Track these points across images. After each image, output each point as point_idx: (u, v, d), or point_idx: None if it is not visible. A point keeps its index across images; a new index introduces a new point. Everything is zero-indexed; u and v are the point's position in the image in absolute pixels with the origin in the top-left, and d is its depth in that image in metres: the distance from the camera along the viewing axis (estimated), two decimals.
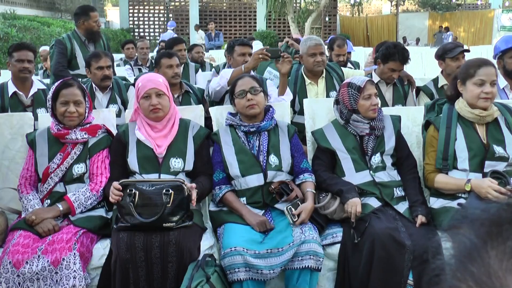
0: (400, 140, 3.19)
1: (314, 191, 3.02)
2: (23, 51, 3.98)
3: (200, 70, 5.77)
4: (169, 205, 2.73)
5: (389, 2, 25.54)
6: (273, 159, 3.08)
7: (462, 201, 2.89)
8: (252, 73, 3.83)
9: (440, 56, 4.29)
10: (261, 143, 3.13)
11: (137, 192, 2.75)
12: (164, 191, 2.76)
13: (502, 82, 4.02)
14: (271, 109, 3.26)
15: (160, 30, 21.36)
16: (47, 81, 4.83)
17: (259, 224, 2.85)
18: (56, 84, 3.11)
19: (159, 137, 3.06)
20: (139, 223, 2.72)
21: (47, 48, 8.77)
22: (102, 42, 5.35)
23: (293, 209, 2.84)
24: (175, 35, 13.49)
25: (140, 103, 3.07)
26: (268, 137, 3.15)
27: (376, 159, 3.09)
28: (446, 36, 19.96)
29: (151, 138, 3.05)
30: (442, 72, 4.33)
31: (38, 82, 4.16)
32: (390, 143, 3.13)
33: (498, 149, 2.94)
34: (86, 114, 3.12)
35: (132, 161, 3.02)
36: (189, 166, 3.06)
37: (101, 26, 5.51)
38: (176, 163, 3.02)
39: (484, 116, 2.98)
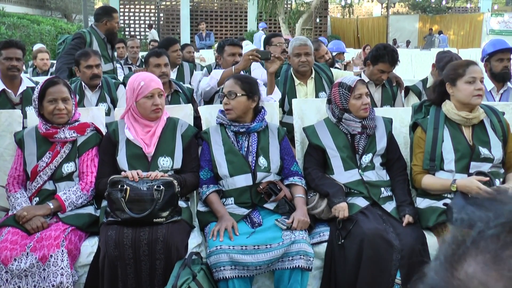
0: (391, 141, 3.22)
1: (304, 197, 3.04)
2: (11, 49, 3.96)
3: (194, 70, 5.77)
4: (160, 201, 2.76)
5: (380, 4, 25.63)
6: (262, 160, 3.09)
7: (447, 201, 2.92)
8: (242, 73, 3.85)
9: (437, 65, 4.31)
10: (250, 144, 3.14)
11: (128, 188, 2.77)
12: (155, 187, 2.79)
13: (489, 84, 4.07)
14: (262, 110, 3.26)
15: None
16: (37, 79, 4.81)
17: (220, 226, 2.80)
18: (40, 83, 3.10)
19: (148, 137, 3.07)
20: (130, 218, 2.74)
21: (40, 45, 8.73)
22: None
23: (285, 221, 2.82)
24: (264, 35, 14.04)
25: (141, 102, 3.07)
26: (257, 138, 3.16)
27: (366, 158, 3.11)
28: (441, 40, 20.07)
29: (139, 137, 3.06)
30: (432, 73, 4.38)
31: (27, 80, 4.14)
32: (381, 143, 3.16)
33: (483, 151, 2.98)
34: (73, 111, 3.13)
35: (122, 160, 3.03)
36: (178, 164, 3.07)
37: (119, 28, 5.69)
38: (164, 161, 3.03)
39: (471, 118, 3.02)
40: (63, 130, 3.06)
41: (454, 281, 0.54)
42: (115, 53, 6.50)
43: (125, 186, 2.78)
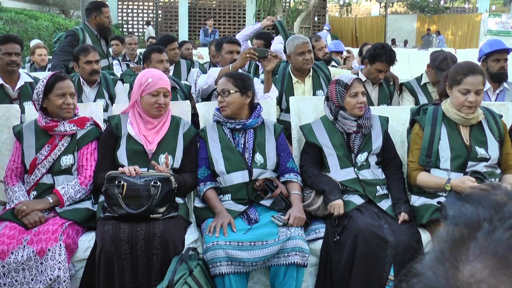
0: (387, 140, 3.24)
1: (300, 193, 3.06)
2: (10, 44, 3.96)
3: (191, 67, 5.78)
4: (157, 197, 2.78)
5: (378, 3, 25.66)
6: (258, 157, 3.11)
7: (442, 199, 2.94)
8: (240, 70, 3.86)
9: (431, 64, 4.32)
10: (246, 140, 3.16)
11: (125, 184, 2.78)
12: (152, 183, 2.80)
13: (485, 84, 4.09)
14: (258, 106, 3.28)
15: None
16: (35, 74, 4.81)
17: (217, 222, 2.82)
18: (47, 77, 3.11)
19: (151, 134, 3.08)
20: (126, 214, 2.75)
21: (37, 41, 8.72)
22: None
23: (281, 217, 2.84)
24: (330, 35, 14.91)
25: (145, 98, 3.08)
26: (254, 135, 3.18)
27: (362, 157, 3.13)
28: (440, 41, 20.13)
29: (141, 134, 3.07)
30: (427, 72, 4.39)
31: (25, 75, 4.14)
32: (377, 142, 3.18)
33: (480, 151, 2.99)
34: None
35: (122, 155, 3.04)
36: (177, 163, 3.09)
37: (112, 22, 5.61)
38: (164, 159, 3.04)
39: (470, 118, 3.02)
40: (63, 123, 3.07)
41: (458, 283, 0.52)
42: (110, 50, 6.47)
43: (122, 182, 2.80)
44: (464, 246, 0.54)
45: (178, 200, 2.99)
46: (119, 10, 21.13)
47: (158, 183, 2.81)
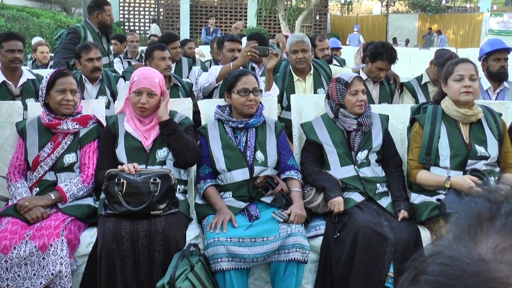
0: (387, 138, 3.26)
1: (300, 191, 3.07)
2: (13, 41, 3.97)
3: (193, 66, 5.80)
4: (157, 193, 2.79)
5: (380, 2, 25.64)
6: (259, 155, 3.12)
7: (441, 197, 2.96)
8: (240, 68, 3.88)
9: (436, 61, 4.34)
10: (248, 139, 3.17)
11: (125, 182, 2.80)
12: (151, 180, 2.82)
13: (485, 83, 4.12)
14: (260, 105, 3.30)
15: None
16: (37, 71, 4.82)
17: (218, 219, 2.83)
18: (51, 73, 3.14)
19: (147, 130, 3.10)
20: (127, 211, 2.77)
21: (39, 39, 8.74)
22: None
23: (282, 213, 2.84)
24: (361, 36, 15.68)
25: (131, 96, 3.08)
26: (255, 134, 3.19)
27: (362, 155, 3.15)
28: (442, 40, 20.15)
29: (139, 130, 3.09)
30: (427, 70, 4.41)
31: (27, 72, 4.15)
32: (377, 140, 3.19)
33: (479, 149, 3.02)
34: (79, 104, 3.17)
35: (121, 153, 3.06)
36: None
37: (114, 20, 5.62)
38: (161, 152, 3.07)
39: (469, 115, 3.05)
40: (66, 121, 3.09)
41: (482, 253, 0.53)
42: (111, 47, 6.48)
43: (122, 180, 2.81)
44: (483, 225, 0.56)
45: (179, 196, 3.01)
46: (121, 8, 21.13)
47: (158, 180, 2.83)
